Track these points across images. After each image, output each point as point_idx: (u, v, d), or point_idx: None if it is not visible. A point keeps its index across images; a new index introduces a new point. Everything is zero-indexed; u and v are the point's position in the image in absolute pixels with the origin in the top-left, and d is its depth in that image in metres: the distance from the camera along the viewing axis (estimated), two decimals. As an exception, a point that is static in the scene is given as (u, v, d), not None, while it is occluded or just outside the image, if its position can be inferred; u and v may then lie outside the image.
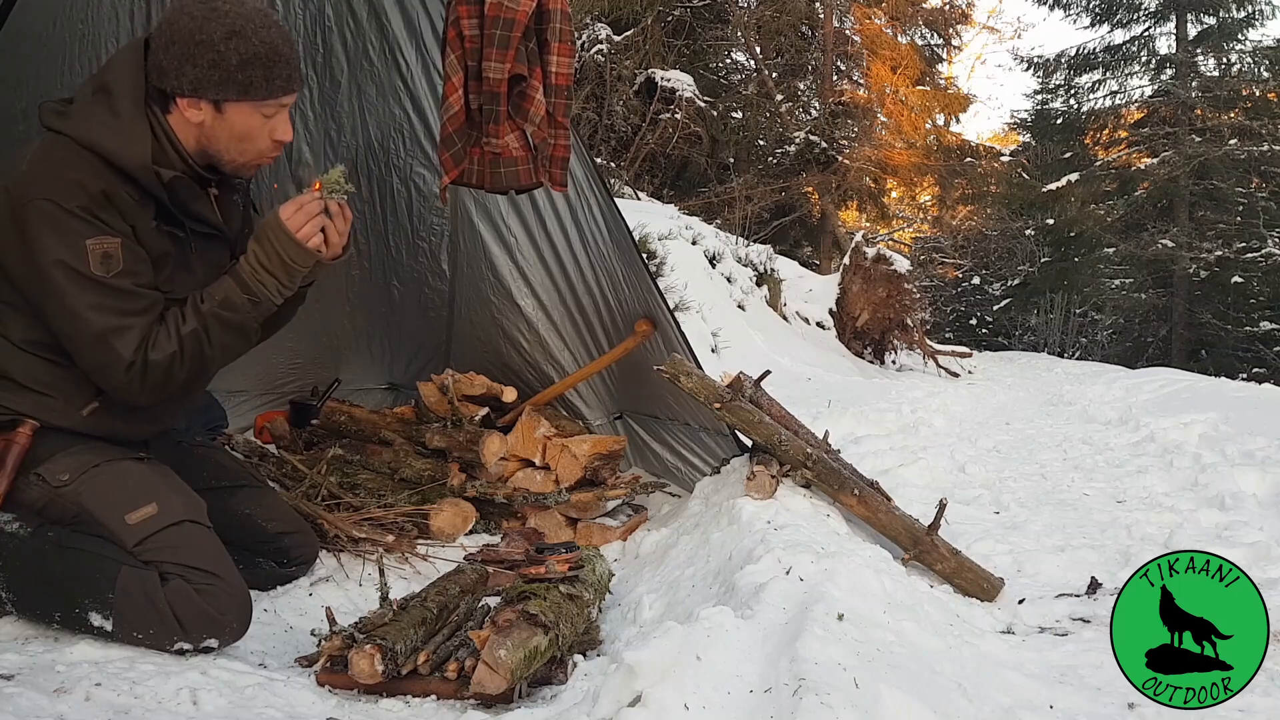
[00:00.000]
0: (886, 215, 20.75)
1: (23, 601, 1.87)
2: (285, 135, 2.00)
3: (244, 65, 1.86)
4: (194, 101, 1.88)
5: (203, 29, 1.83)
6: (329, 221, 1.97)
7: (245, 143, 1.96)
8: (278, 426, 3.22)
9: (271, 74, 1.90)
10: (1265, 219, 17.97)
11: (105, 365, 1.86)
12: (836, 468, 2.80)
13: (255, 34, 1.87)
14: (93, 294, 1.82)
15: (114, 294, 1.84)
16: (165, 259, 1.94)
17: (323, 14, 3.08)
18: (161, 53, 1.86)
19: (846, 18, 17.52)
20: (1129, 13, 19.97)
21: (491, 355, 3.59)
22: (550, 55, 2.60)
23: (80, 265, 1.80)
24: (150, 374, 1.88)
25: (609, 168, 13.89)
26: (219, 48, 1.84)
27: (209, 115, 1.91)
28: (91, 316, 1.83)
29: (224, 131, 1.93)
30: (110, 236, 1.82)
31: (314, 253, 1.96)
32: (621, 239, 3.13)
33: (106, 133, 1.84)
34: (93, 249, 1.81)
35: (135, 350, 1.85)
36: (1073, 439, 5.83)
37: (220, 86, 1.87)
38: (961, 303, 23.76)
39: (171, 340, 1.90)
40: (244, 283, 1.95)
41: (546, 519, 3.02)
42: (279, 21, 1.97)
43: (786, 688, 1.47)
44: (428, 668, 1.79)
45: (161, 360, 1.88)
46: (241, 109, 1.91)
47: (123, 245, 1.84)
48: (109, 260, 1.82)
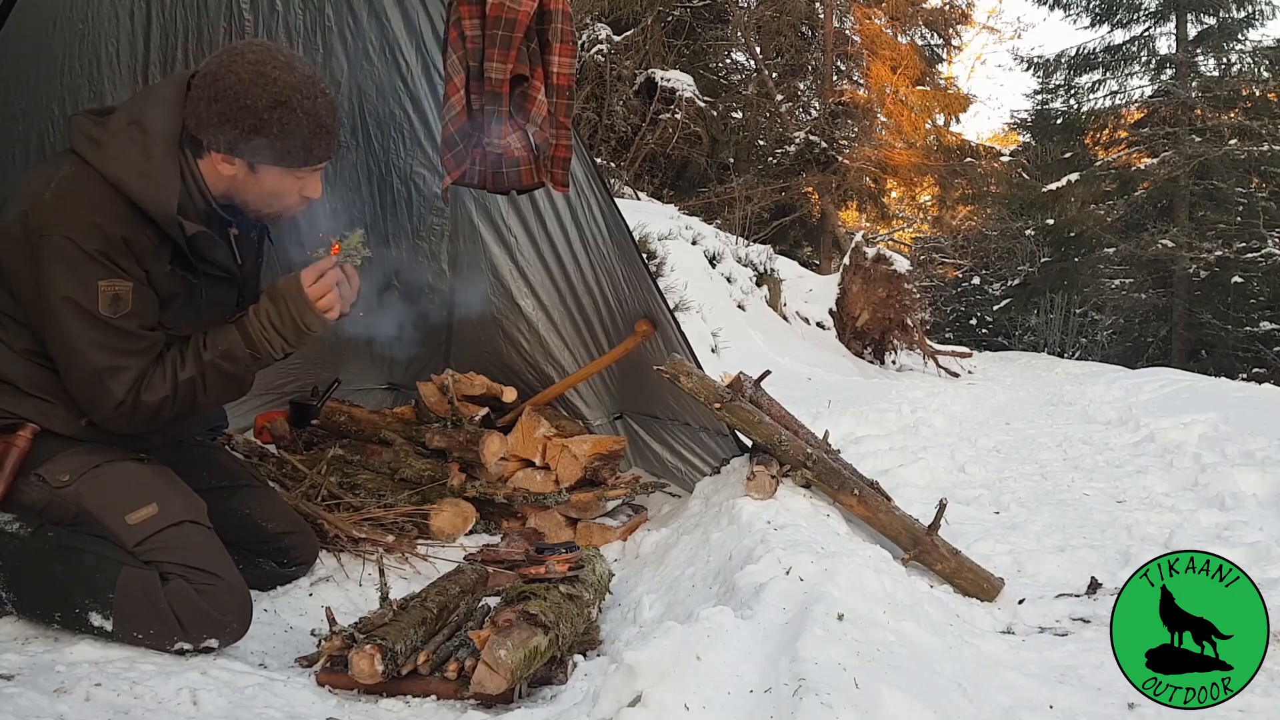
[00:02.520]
0: (886, 215, 20.76)
1: (23, 601, 1.87)
2: (314, 194, 2.01)
3: (285, 136, 1.86)
4: (229, 158, 1.88)
5: (249, 94, 1.82)
6: (341, 286, 1.99)
7: (274, 200, 1.98)
8: (278, 426, 3.22)
9: (312, 146, 1.91)
10: (1265, 219, 17.97)
11: (96, 400, 1.87)
12: (836, 468, 2.80)
13: (300, 105, 1.85)
14: (96, 332, 1.82)
15: (117, 334, 1.84)
16: (174, 299, 1.95)
17: (323, 14, 3.08)
18: (202, 105, 1.84)
19: (846, 18, 17.53)
20: (1129, 13, 19.98)
21: (491, 355, 3.59)
22: (552, 55, 2.60)
23: (89, 304, 1.81)
24: (139, 412, 1.89)
25: (609, 168, 13.89)
26: (262, 115, 1.83)
27: (242, 172, 1.91)
28: (91, 354, 1.83)
29: (254, 188, 1.94)
30: (123, 280, 1.83)
31: (328, 321, 1.98)
32: (621, 239, 3.13)
33: (135, 175, 1.83)
34: (104, 290, 1.81)
35: (128, 390, 1.86)
36: (1073, 439, 5.83)
37: (257, 152, 1.87)
38: (961, 303, 23.76)
39: (166, 384, 1.90)
40: (249, 338, 1.96)
41: (546, 519, 3.02)
42: (326, 88, 1.93)
43: (786, 688, 1.47)
44: (428, 668, 1.79)
45: (153, 402, 1.89)
46: (275, 172, 1.92)
47: (134, 289, 1.84)
48: (118, 302, 1.83)
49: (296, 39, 3.08)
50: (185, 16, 2.79)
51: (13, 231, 1.81)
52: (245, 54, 1.85)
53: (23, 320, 1.89)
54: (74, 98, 2.65)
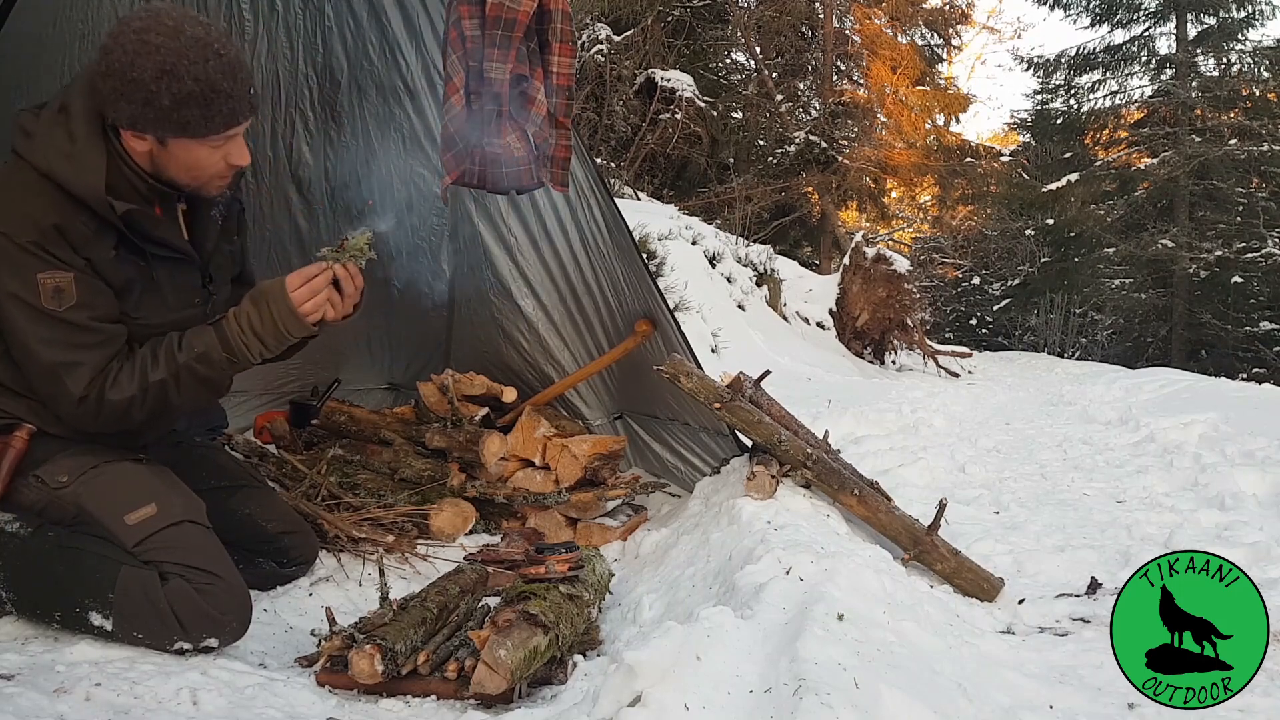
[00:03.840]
0: (886, 215, 20.76)
1: (23, 601, 1.88)
2: (240, 160, 1.91)
3: (178, 105, 1.75)
4: (138, 134, 1.81)
5: (134, 65, 1.72)
6: (333, 293, 1.93)
7: (196, 170, 1.89)
8: (278, 426, 3.22)
9: (210, 112, 1.79)
10: (1265, 219, 17.97)
11: (56, 397, 1.84)
12: (836, 468, 2.80)
13: (189, 71, 1.74)
14: (42, 328, 1.79)
15: (66, 328, 1.80)
16: (130, 286, 1.89)
17: (323, 14, 3.08)
18: (99, 80, 1.76)
19: (846, 18, 17.53)
20: (1129, 13, 19.97)
21: (491, 355, 3.59)
22: (551, 55, 2.60)
23: (31, 299, 1.77)
24: (105, 411, 1.85)
25: (609, 168, 13.89)
26: (150, 87, 1.73)
27: (153, 146, 1.83)
28: (40, 350, 1.80)
29: (171, 162, 1.86)
30: (62, 271, 1.78)
31: (310, 326, 1.93)
32: (621, 239, 3.13)
33: (62, 159, 1.78)
34: (43, 283, 1.77)
35: (87, 385, 1.82)
36: (1073, 439, 5.83)
37: (157, 125, 1.79)
38: (961, 303, 23.76)
39: (133, 383, 1.86)
40: (227, 341, 1.91)
41: (546, 519, 3.02)
42: (221, 48, 1.79)
43: (786, 688, 1.47)
44: (428, 668, 1.79)
45: (119, 401, 1.85)
46: (184, 143, 1.83)
47: (76, 279, 1.79)
48: (60, 294, 1.78)
49: (296, 39, 3.09)
50: (185, 16, 2.78)
51: None
52: (131, 22, 1.75)
53: None
54: (74, 98, 2.64)
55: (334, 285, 1.94)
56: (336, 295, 1.94)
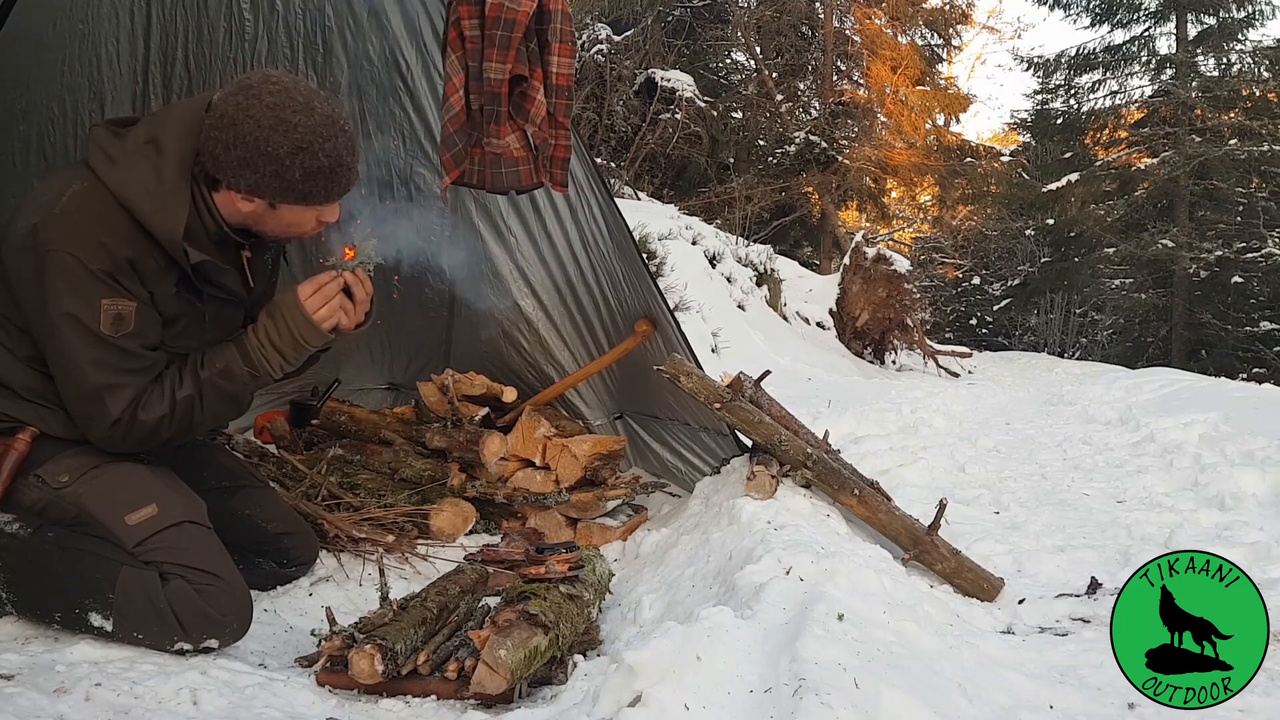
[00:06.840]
0: (886, 215, 20.76)
1: (23, 601, 1.87)
2: (331, 218, 1.98)
3: (307, 179, 1.83)
4: (249, 198, 1.86)
5: (269, 141, 1.78)
6: (345, 300, 1.97)
7: (294, 229, 1.97)
8: (278, 426, 3.22)
9: (332, 184, 1.88)
10: (1265, 219, 17.98)
11: (93, 417, 1.86)
12: (836, 468, 2.80)
13: (321, 148, 1.81)
14: (96, 350, 1.81)
15: (118, 353, 1.83)
16: (178, 319, 1.93)
17: (323, 14, 3.08)
18: (220, 149, 1.80)
19: (846, 18, 17.55)
20: (1129, 13, 19.98)
21: (491, 355, 3.59)
22: (551, 56, 2.60)
23: (90, 322, 1.79)
24: (135, 431, 1.88)
25: (609, 168, 13.89)
26: (284, 161, 1.80)
27: (261, 209, 1.89)
28: (90, 371, 1.82)
29: (273, 221, 1.93)
30: (126, 300, 1.82)
31: (327, 335, 1.97)
32: (621, 239, 3.13)
33: (145, 196, 1.81)
34: (106, 309, 1.80)
35: (125, 409, 1.85)
36: (1073, 439, 5.83)
37: (280, 194, 1.85)
38: (961, 303, 23.77)
39: (164, 403, 1.89)
40: (247, 355, 1.95)
41: (546, 519, 3.02)
42: (345, 124, 1.89)
43: (786, 688, 1.47)
44: (428, 668, 1.79)
45: (149, 421, 1.88)
46: (295, 208, 1.91)
47: (138, 309, 1.83)
48: (120, 321, 1.81)
49: (296, 39, 3.08)
50: (185, 16, 2.79)
51: (22, 243, 1.80)
52: (262, 95, 1.78)
53: (25, 328, 1.88)
54: (74, 98, 2.65)
55: (345, 293, 1.98)
56: (349, 302, 1.99)
